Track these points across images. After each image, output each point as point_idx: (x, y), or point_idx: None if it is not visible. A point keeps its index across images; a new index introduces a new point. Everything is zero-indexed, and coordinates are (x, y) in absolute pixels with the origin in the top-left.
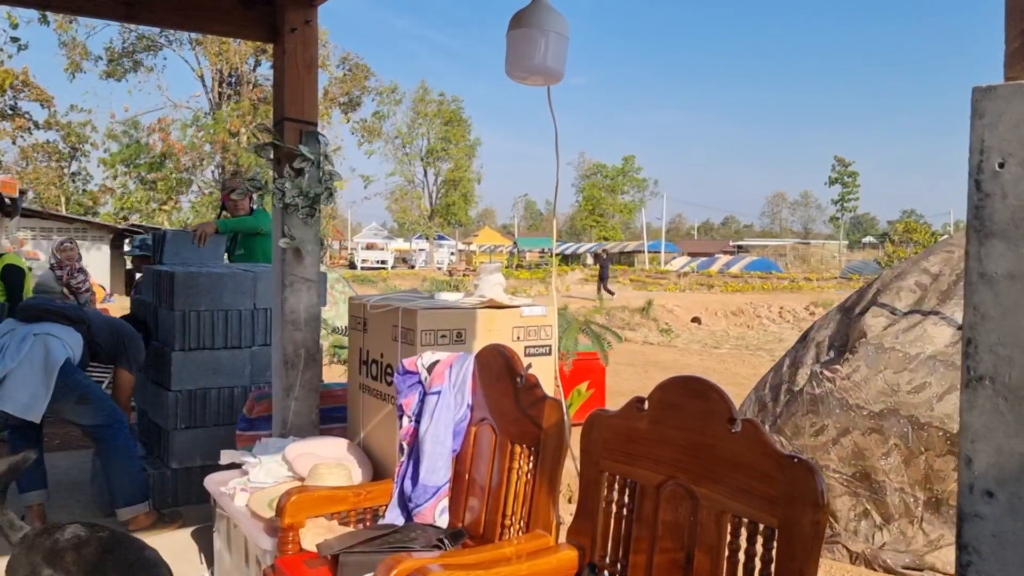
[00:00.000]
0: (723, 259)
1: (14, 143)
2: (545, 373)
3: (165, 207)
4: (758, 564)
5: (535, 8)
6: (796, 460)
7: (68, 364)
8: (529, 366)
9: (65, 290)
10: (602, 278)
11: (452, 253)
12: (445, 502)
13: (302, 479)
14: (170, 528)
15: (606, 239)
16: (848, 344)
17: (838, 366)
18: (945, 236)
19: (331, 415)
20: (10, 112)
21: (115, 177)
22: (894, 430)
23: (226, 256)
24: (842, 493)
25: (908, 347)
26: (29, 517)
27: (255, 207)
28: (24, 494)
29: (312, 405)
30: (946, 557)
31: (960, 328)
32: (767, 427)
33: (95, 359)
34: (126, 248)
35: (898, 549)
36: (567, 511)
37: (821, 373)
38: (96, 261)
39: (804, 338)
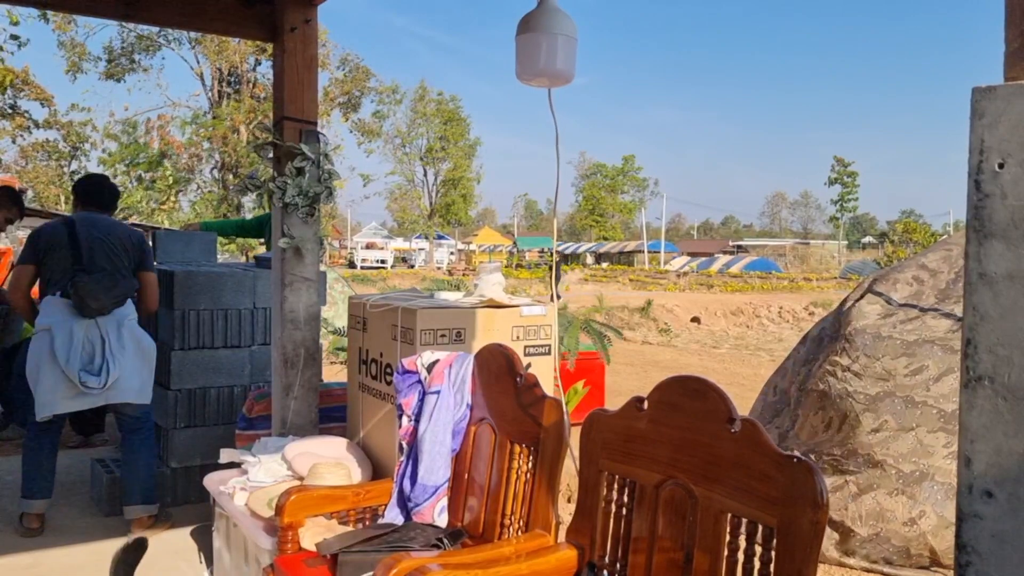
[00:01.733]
0: (723, 259)
1: (14, 142)
2: (545, 373)
3: (164, 206)
4: (757, 564)
5: (542, 11)
6: (795, 460)
7: None
8: (528, 366)
9: None
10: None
11: (452, 252)
12: (444, 501)
13: (301, 478)
14: (161, 529)
15: (606, 239)
16: (840, 330)
17: (837, 358)
18: (944, 236)
19: (330, 415)
20: (10, 111)
21: (115, 176)
22: (887, 408)
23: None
24: (831, 472)
25: (906, 335)
26: (27, 519)
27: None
28: (28, 500)
29: (311, 404)
30: (926, 529)
31: (959, 320)
32: (777, 431)
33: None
34: None
35: (877, 530)
36: (566, 511)
37: (823, 367)
38: None
39: (805, 339)
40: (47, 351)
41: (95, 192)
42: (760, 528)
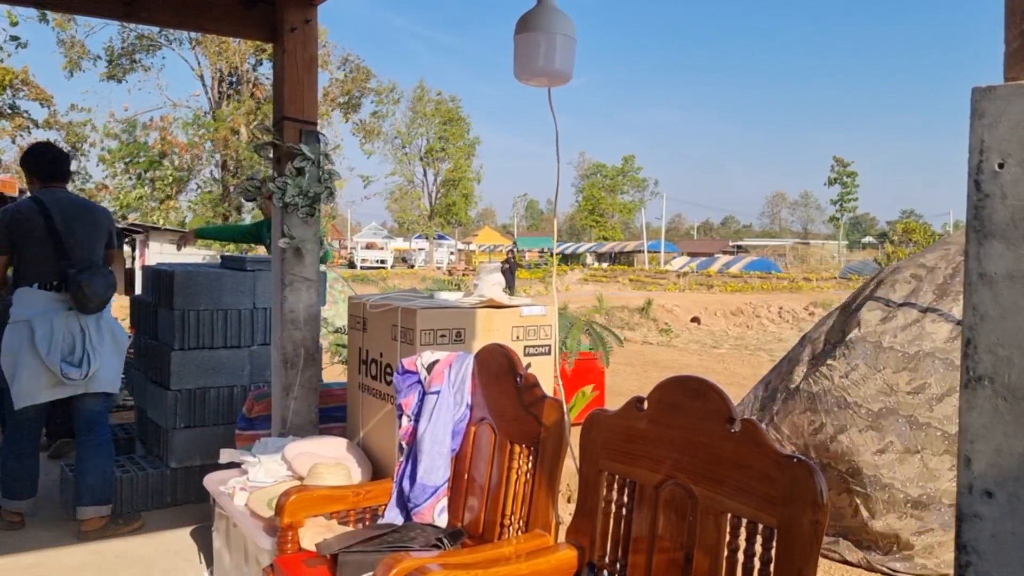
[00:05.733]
0: (722, 259)
1: (13, 142)
2: (545, 373)
3: (163, 205)
4: (757, 564)
5: (541, 11)
6: (796, 460)
7: None
8: (528, 366)
9: None
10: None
11: (452, 253)
12: (444, 502)
13: (301, 478)
14: (126, 530)
15: (606, 239)
16: (838, 334)
17: (834, 362)
18: (944, 235)
19: (330, 415)
20: (9, 111)
21: (114, 176)
22: (892, 428)
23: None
24: (841, 491)
25: (907, 346)
26: (8, 515)
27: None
28: (13, 501)
29: (311, 404)
30: (929, 545)
31: (959, 324)
32: (764, 425)
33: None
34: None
35: (887, 550)
36: (566, 511)
37: (818, 370)
38: None
39: (803, 339)
40: (26, 343)
41: (54, 165)
42: (760, 528)
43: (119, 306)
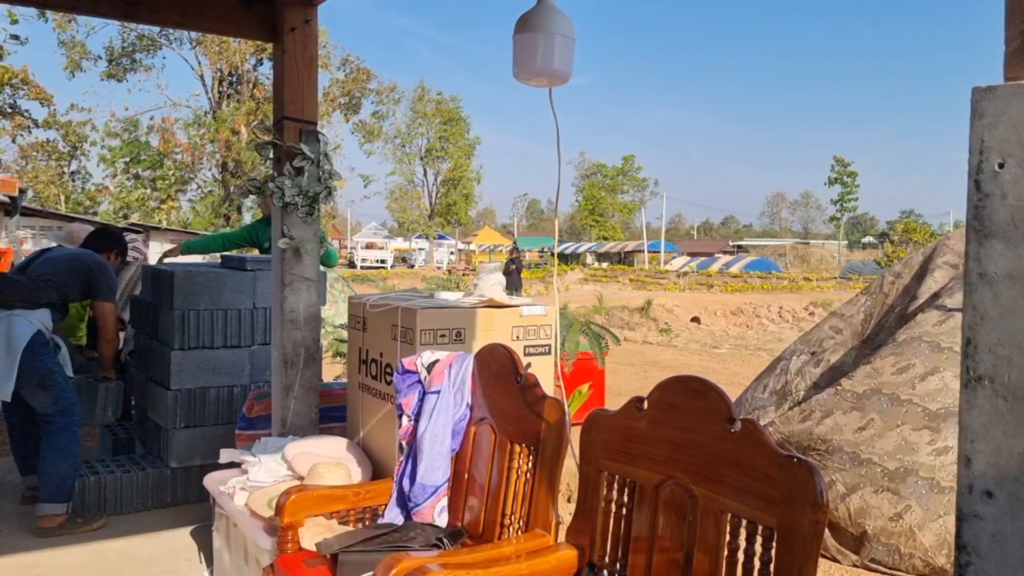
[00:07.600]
0: (723, 259)
1: (13, 141)
2: (545, 373)
3: (164, 206)
4: (757, 564)
5: (540, 11)
6: (796, 460)
7: (35, 345)
8: (528, 365)
9: None
10: (513, 285)
11: (452, 252)
12: (444, 501)
13: (301, 478)
14: (86, 529)
15: (606, 239)
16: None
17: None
18: (942, 235)
19: (330, 414)
20: (9, 111)
21: (114, 176)
22: (873, 406)
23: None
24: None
25: (897, 334)
26: (27, 493)
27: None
28: (26, 476)
29: (311, 404)
30: (912, 523)
31: (949, 311)
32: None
33: (68, 301)
34: None
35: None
36: (566, 511)
37: (817, 366)
38: None
39: (811, 352)
40: None
41: (91, 237)
42: (760, 528)
43: None
